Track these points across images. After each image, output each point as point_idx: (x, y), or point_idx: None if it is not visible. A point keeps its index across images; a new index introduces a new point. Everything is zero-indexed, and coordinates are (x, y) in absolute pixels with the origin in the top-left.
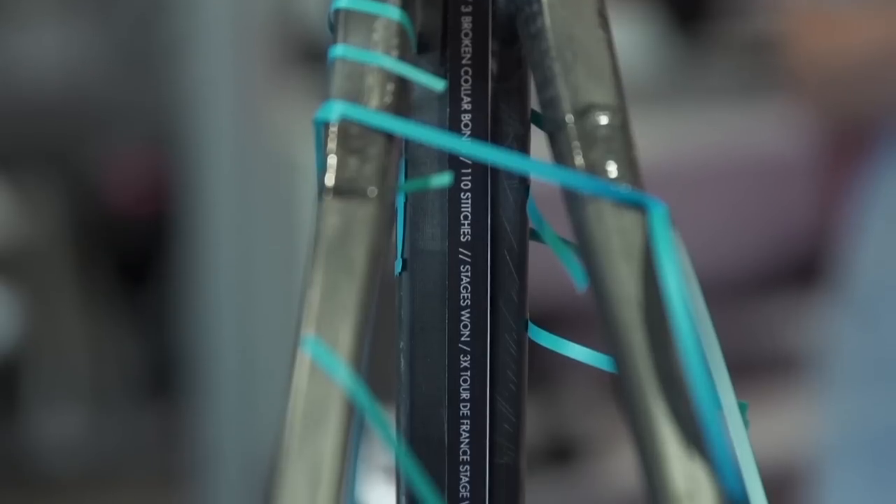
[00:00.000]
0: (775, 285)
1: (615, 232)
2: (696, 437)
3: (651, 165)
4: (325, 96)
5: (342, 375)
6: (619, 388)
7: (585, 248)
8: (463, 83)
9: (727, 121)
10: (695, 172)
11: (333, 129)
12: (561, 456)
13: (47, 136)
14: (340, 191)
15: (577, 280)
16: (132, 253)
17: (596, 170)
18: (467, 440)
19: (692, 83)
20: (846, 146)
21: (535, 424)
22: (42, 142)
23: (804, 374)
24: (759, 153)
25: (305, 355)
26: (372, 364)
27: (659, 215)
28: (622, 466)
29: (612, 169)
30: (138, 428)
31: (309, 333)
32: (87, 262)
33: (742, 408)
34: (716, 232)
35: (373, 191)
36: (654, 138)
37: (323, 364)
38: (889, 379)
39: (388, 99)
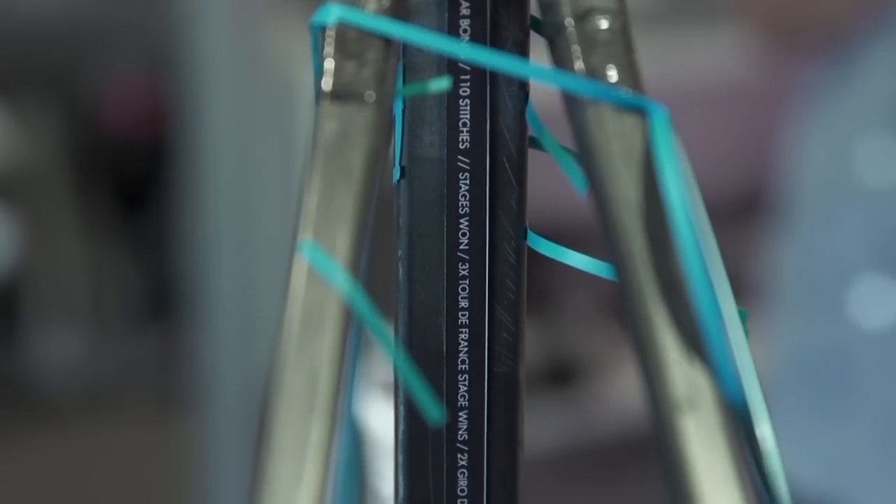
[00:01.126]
0: (721, 214)
1: (615, 136)
2: (696, 342)
3: None
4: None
5: (339, 280)
6: (620, 295)
7: (586, 153)
8: None
9: (670, 46)
10: None
11: (330, 34)
12: (560, 377)
13: (46, 59)
14: (338, 95)
15: (578, 186)
16: (131, 176)
17: (596, 74)
18: (466, 349)
19: (637, 8)
20: (787, 71)
21: (534, 346)
22: (40, 65)
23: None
24: (703, 79)
25: (302, 260)
26: (371, 273)
27: (660, 119)
28: (621, 387)
29: (613, 73)
30: (137, 352)
31: (306, 238)
32: (86, 186)
33: (742, 316)
34: None
35: (370, 95)
36: None
37: (320, 269)
38: (824, 301)
39: (386, 2)
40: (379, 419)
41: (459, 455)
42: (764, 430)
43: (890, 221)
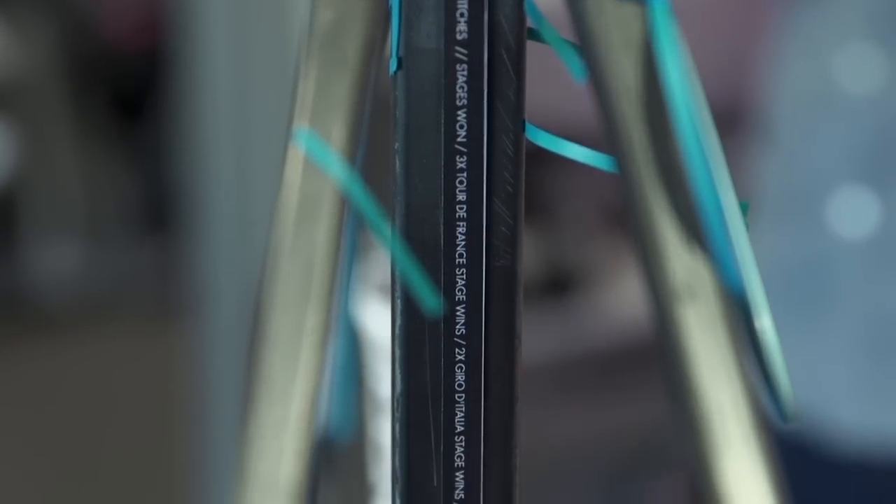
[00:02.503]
0: None
1: (615, 24)
2: (696, 232)
3: None
4: None
5: (335, 168)
6: (620, 186)
7: (585, 42)
8: None
9: None
10: None
11: None
12: (558, 287)
13: None
14: None
15: (577, 77)
16: (128, 86)
17: None
18: (463, 242)
19: None
20: None
21: (532, 256)
22: None
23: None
24: None
25: (298, 149)
26: (368, 168)
27: (660, 6)
28: (619, 296)
29: None
30: (135, 262)
31: (302, 127)
32: (83, 96)
33: (743, 207)
34: None
35: None
36: None
37: (316, 157)
38: (803, 211)
39: None
40: (376, 321)
41: (457, 349)
42: (764, 322)
43: (870, 131)
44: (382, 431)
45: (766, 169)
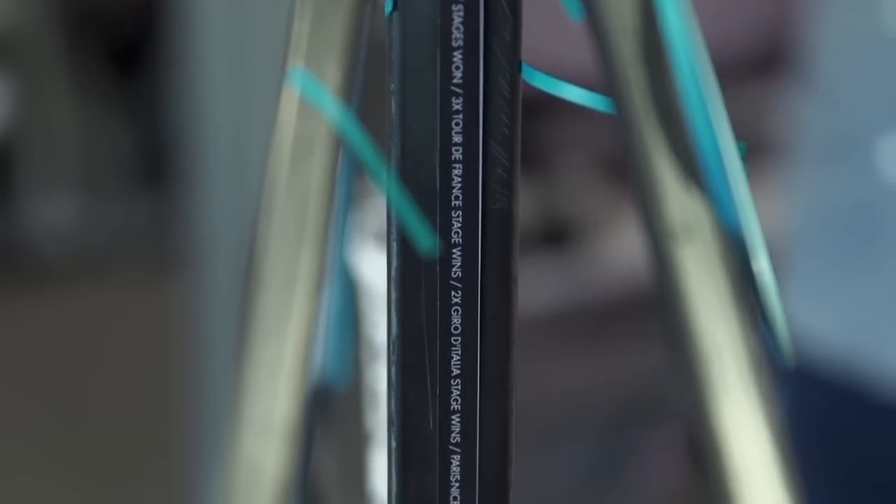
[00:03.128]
0: (740, 69)
1: None
2: (694, 172)
3: None
4: None
5: (330, 108)
6: (618, 127)
7: None
8: None
9: None
10: None
11: None
12: (555, 238)
13: None
14: None
15: (573, 15)
16: (124, 38)
17: None
18: (459, 184)
19: None
20: None
21: (529, 207)
22: None
23: (772, 162)
24: None
25: (292, 89)
26: (364, 109)
27: None
28: (617, 247)
29: None
30: (131, 215)
31: (296, 66)
32: (79, 48)
33: (741, 148)
34: None
35: None
36: None
37: (310, 97)
38: (850, 155)
39: None
40: (372, 269)
41: (453, 292)
42: (762, 264)
43: None
44: (379, 379)
45: (808, 113)
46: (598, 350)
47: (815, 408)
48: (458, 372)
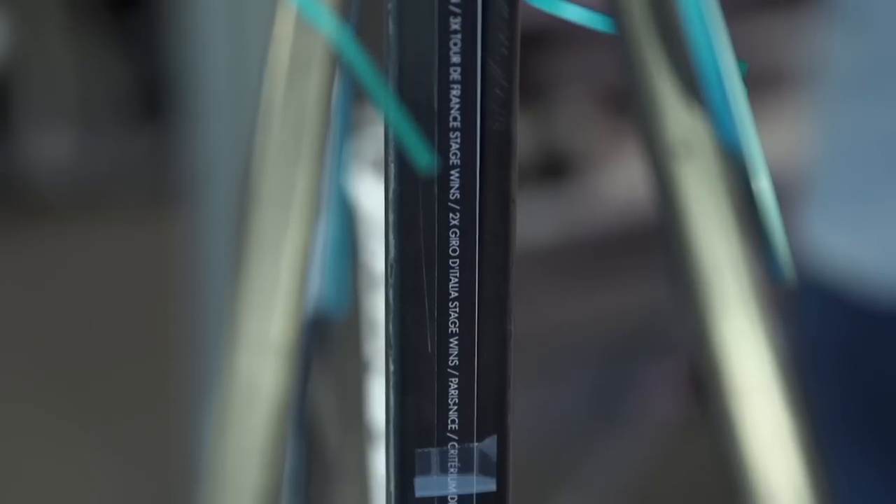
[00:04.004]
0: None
1: None
2: (694, 89)
3: None
4: None
5: (327, 24)
6: (618, 46)
7: None
8: None
9: None
10: None
11: None
12: (554, 171)
13: None
14: None
15: None
16: None
17: None
18: (457, 105)
19: None
20: None
21: (528, 140)
22: None
23: (796, 91)
24: None
25: (289, 5)
26: (362, 29)
27: None
28: (616, 181)
29: None
30: (128, 150)
31: None
32: None
33: (741, 67)
34: None
35: None
36: None
37: (308, 13)
38: (881, 84)
39: None
40: (370, 197)
41: (451, 214)
42: (762, 183)
43: None
44: (377, 307)
45: (838, 41)
46: (596, 283)
47: (839, 328)
48: (456, 294)
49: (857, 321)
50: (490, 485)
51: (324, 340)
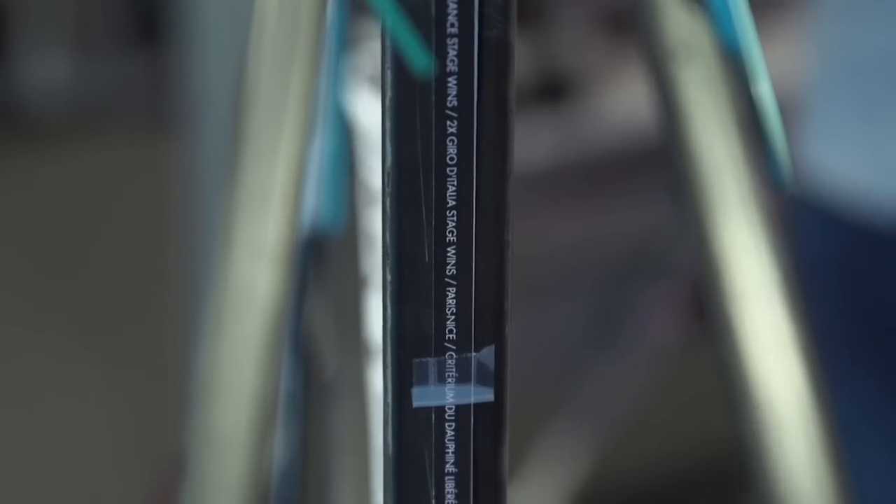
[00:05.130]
0: None
1: None
2: None
3: None
4: None
5: None
6: None
7: None
8: None
9: None
10: None
11: None
12: (552, 93)
13: None
14: None
15: None
16: None
17: None
18: (455, 11)
19: None
20: None
21: (526, 61)
22: None
23: (796, 10)
24: None
25: None
26: None
27: None
28: (614, 102)
29: None
30: (125, 74)
31: None
32: None
33: None
34: None
35: None
36: None
37: None
38: (879, 0)
39: None
40: (367, 112)
41: (448, 122)
42: (762, 87)
43: None
44: (375, 223)
45: None
46: (595, 206)
47: (838, 247)
48: (454, 203)
49: (856, 240)
50: (488, 395)
51: (321, 258)
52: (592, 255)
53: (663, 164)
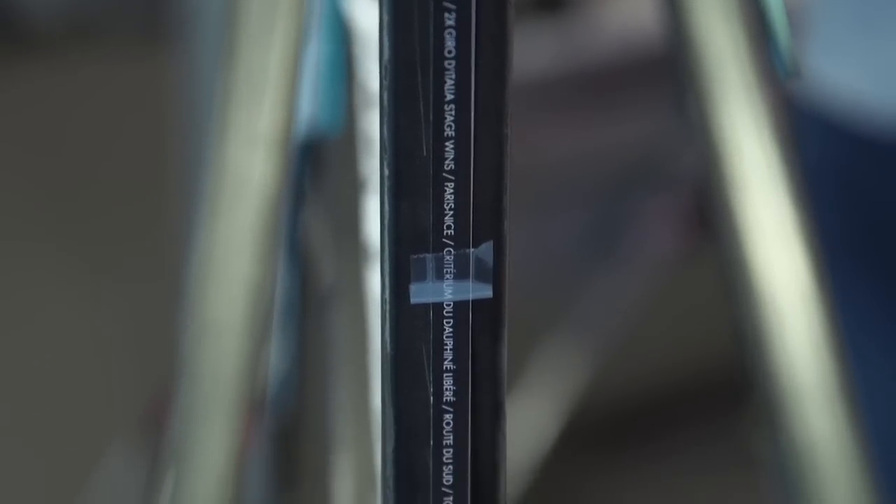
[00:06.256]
0: None
1: None
2: None
3: None
4: None
5: None
6: None
7: None
8: None
9: None
10: None
11: None
12: (553, 3)
13: None
14: None
15: None
16: None
17: None
18: None
19: None
20: None
21: None
22: None
23: None
24: None
25: None
26: None
27: None
28: (615, 13)
29: None
30: None
31: None
32: None
33: None
34: None
35: None
36: None
37: None
38: None
39: None
40: (365, 14)
41: (446, 14)
42: None
43: None
44: (373, 125)
45: None
46: (595, 117)
47: (839, 158)
48: (452, 97)
49: (856, 150)
50: (486, 291)
51: (318, 162)
52: (592, 167)
53: (664, 74)
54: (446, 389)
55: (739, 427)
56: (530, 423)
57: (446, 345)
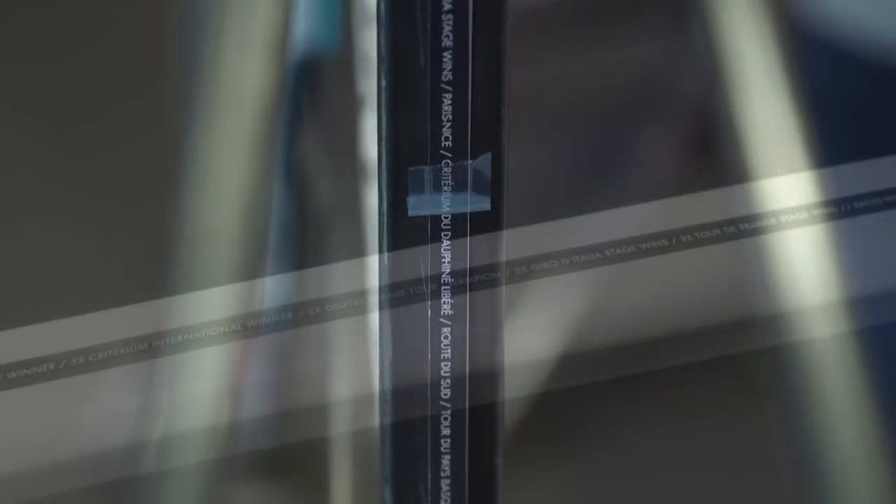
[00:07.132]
0: None
1: None
2: None
3: None
4: None
5: None
6: None
7: None
8: None
9: None
10: None
11: None
12: None
13: None
14: None
15: None
16: None
17: None
18: None
19: None
20: None
21: None
22: None
23: None
24: None
25: None
26: None
27: None
28: None
29: None
30: None
31: None
32: None
33: None
34: None
35: None
36: None
37: None
38: None
39: None
40: None
41: None
42: None
43: None
44: (371, 42)
45: None
46: (596, 42)
47: (842, 82)
48: (450, 6)
49: (860, 73)
50: (484, 203)
51: (315, 84)
52: (593, 92)
53: None
54: (444, 303)
55: (742, 356)
56: (530, 347)
57: (444, 257)
